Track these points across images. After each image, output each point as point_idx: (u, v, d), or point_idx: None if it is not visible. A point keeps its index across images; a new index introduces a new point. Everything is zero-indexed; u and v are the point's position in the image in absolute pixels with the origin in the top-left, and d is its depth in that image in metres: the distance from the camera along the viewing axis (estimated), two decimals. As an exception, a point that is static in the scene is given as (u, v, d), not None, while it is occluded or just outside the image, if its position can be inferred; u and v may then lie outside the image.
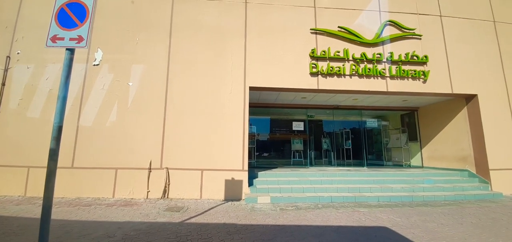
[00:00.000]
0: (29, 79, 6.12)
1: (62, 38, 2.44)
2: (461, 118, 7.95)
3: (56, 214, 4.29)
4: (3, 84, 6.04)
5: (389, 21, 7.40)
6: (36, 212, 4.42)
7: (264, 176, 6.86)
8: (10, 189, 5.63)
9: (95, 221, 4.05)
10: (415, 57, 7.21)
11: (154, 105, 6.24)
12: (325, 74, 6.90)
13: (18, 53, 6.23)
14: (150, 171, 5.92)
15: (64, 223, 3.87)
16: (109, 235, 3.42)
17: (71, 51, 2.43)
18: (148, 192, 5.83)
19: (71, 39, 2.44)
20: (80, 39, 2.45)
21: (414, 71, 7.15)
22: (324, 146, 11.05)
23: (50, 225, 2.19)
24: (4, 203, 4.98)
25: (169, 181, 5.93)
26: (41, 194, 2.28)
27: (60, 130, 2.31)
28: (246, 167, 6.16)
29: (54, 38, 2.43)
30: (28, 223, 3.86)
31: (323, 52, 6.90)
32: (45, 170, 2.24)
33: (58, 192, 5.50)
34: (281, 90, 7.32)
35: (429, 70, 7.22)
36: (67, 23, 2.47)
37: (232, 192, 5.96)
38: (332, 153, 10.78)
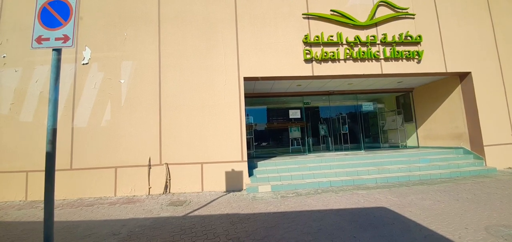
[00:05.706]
0: (18, 83, 5.96)
1: (48, 39, 2.36)
2: (456, 97, 8.03)
3: (59, 216, 4.31)
4: (-8, 89, 5.89)
5: (382, 1, 7.28)
6: (39, 215, 4.44)
7: (263, 165, 6.93)
8: (11, 195, 5.61)
9: (99, 220, 4.09)
10: (409, 37, 7.17)
11: (148, 102, 6.17)
12: (319, 60, 6.85)
13: (3, 56, 6.03)
14: (150, 168, 5.94)
15: (68, 224, 3.90)
16: (115, 233, 3.46)
17: (58, 51, 2.36)
18: (149, 188, 5.87)
19: (56, 39, 2.36)
20: (66, 38, 2.37)
21: (408, 51, 7.13)
22: (322, 132, 11.15)
23: (54, 227, 2.21)
24: (6, 209, 4.98)
25: (169, 176, 5.97)
26: (42, 197, 2.28)
27: (54, 133, 2.28)
28: (245, 158, 6.20)
29: (39, 39, 2.35)
30: (31, 227, 3.87)
31: (316, 37, 6.82)
32: (43, 174, 2.23)
33: (59, 195, 5.50)
34: (276, 79, 7.26)
35: (423, 50, 7.20)
36: (51, 22, 2.38)
37: (233, 183, 6.03)
38: (329, 138, 10.90)
